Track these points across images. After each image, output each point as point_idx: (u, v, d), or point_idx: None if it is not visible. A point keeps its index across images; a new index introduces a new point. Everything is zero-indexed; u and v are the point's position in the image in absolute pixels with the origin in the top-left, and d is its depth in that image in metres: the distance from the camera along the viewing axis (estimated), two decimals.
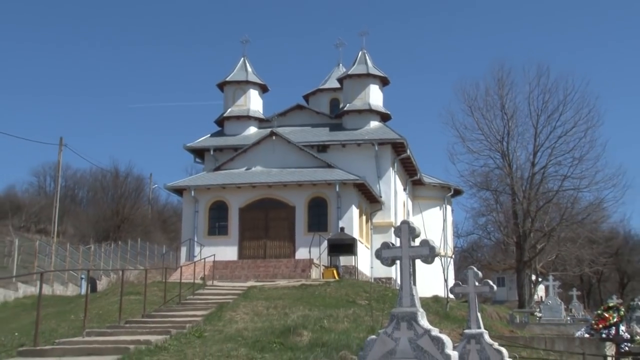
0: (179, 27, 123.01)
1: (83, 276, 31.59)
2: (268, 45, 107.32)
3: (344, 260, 37.15)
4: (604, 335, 22.51)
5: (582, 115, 48.79)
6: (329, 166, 40.65)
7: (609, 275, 64.91)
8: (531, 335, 26.78)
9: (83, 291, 27.84)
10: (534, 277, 50.55)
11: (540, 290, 50.20)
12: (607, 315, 23.66)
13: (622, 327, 22.77)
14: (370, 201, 41.79)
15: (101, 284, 34.03)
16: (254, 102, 45.61)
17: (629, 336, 22.37)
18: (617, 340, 21.80)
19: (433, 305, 26.93)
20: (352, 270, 36.88)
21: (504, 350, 14.19)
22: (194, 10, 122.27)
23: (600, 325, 23.44)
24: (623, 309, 24.29)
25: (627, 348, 21.33)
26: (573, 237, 50.25)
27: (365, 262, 38.83)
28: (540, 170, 49.38)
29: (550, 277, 40.00)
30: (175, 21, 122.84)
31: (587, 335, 24.52)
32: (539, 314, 36.29)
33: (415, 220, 36.03)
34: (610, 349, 21.17)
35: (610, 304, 24.99)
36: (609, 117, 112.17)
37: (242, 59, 46.19)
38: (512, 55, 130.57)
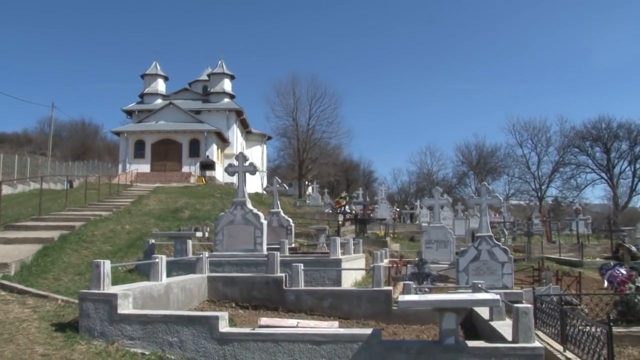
0: (117, 39, 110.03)
1: (64, 179, 29.05)
2: (172, 52, 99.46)
3: (208, 173, 36.46)
4: (338, 211, 23.57)
5: (333, 100, 50.26)
6: (201, 122, 39.12)
7: (342, 182, 67.79)
8: (304, 212, 27.64)
9: (65, 187, 25.41)
10: (306, 183, 51.84)
11: (309, 189, 51.60)
12: (340, 201, 24.76)
13: (347, 207, 23.90)
14: (223, 142, 40.74)
15: (75, 184, 30.96)
16: (160, 85, 42.58)
17: (349, 210, 23.53)
18: (344, 213, 22.92)
19: (255, 197, 26.59)
20: (213, 179, 36.15)
21: (290, 219, 14.61)
22: (132, 28, 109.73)
23: (337, 206, 24.51)
24: (347, 198, 25.46)
25: (347, 216, 22.51)
26: (326, 163, 51.82)
27: (219, 174, 37.97)
28: (312, 127, 50.06)
29: (314, 182, 41.28)
30: (116, 35, 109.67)
31: (330, 211, 25.65)
32: (308, 202, 37.35)
33: (247, 153, 35.76)
34: (340, 217, 22.29)
35: (342, 195, 26.15)
36: (346, 102, 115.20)
37: (154, 62, 42.96)
38: (300, 66, 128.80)
